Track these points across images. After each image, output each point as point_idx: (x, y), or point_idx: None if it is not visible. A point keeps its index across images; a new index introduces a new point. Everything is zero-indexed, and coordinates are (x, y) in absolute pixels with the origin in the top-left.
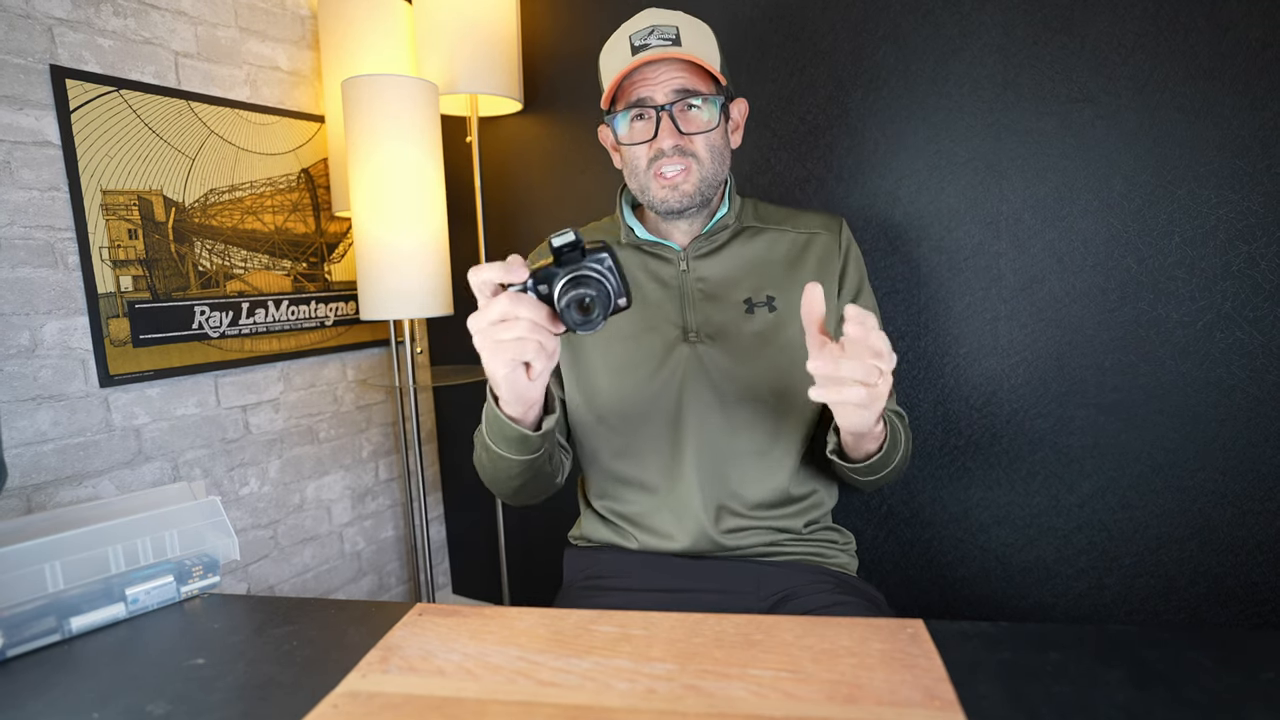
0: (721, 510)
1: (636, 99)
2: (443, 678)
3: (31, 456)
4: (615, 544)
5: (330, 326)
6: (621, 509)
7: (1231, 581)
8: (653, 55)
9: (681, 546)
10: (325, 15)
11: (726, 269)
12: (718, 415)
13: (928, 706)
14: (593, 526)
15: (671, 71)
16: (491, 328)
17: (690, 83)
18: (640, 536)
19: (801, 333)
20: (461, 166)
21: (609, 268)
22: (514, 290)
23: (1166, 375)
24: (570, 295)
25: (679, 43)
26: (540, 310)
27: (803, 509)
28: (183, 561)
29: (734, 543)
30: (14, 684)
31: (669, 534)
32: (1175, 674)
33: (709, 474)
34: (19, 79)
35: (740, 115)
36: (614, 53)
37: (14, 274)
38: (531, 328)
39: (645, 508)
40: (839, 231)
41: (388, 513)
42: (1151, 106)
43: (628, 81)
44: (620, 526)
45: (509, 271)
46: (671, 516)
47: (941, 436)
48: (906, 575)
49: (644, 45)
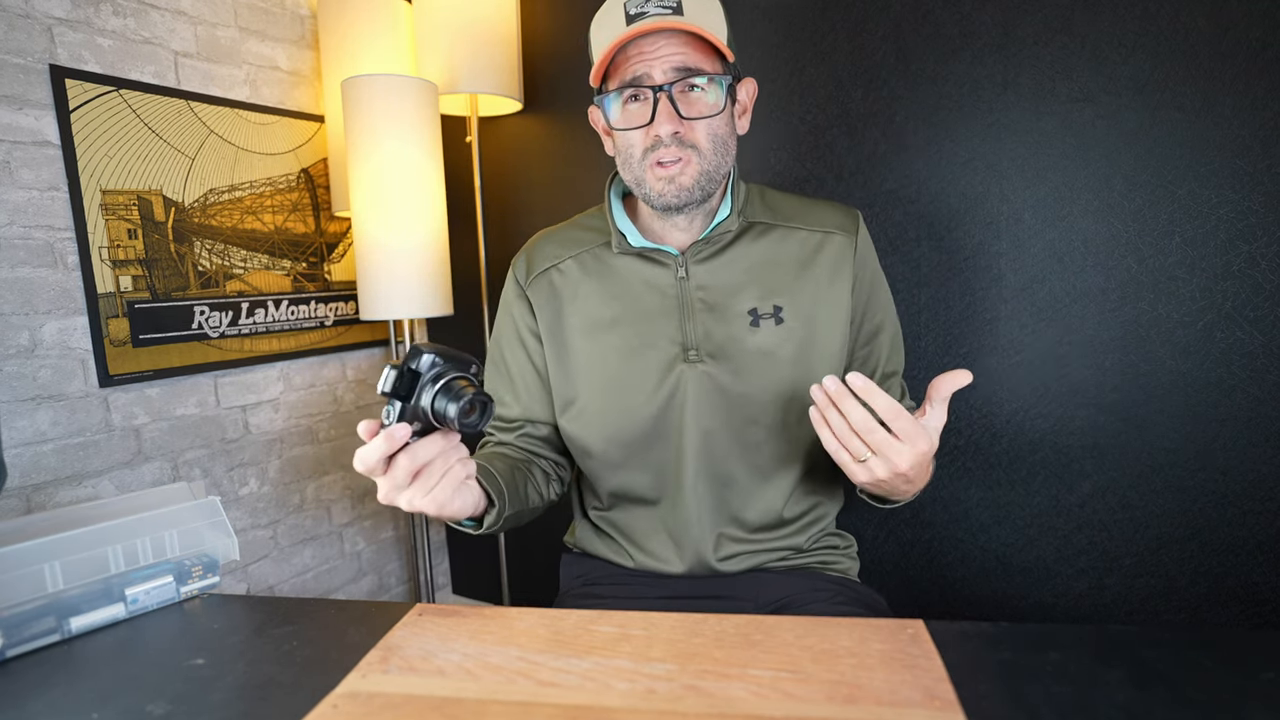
0: (721, 537)
1: (631, 77)
2: (443, 678)
3: (31, 456)
4: (611, 559)
5: (330, 326)
6: (619, 526)
7: (1231, 581)
8: (650, 25)
9: (679, 571)
10: (325, 15)
11: (730, 274)
12: (718, 438)
13: (928, 706)
14: (589, 539)
15: (672, 46)
16: (412, 488)
17: (693, 60)
18: (637, 556)
19: (812, 348)
20: (461, 166)
21: (441, 359)
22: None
23: (1166, 375)
24: (454, 410)
25: (680, 11)
26: (434, 440)
27: (805, 525)
28: (182, 561)
29: (732, 568)
30: (14, 684)
31: (666, 559)
32: (1175, 674)
33: (709, 498)
34: (18, 79)
35: (748, 97)
36: (606, 23)
37: (13, 274)
38: (444, 458)
39: (643, 527)
40: (855, 232)
41: (387, 513)
42: (1151, 106)
43: (621, 56)
44: (617, 543)
45: (392, 441)
46: (670, 540)
47: (942, 436)
48: (907, 576)
49: (640, 13)
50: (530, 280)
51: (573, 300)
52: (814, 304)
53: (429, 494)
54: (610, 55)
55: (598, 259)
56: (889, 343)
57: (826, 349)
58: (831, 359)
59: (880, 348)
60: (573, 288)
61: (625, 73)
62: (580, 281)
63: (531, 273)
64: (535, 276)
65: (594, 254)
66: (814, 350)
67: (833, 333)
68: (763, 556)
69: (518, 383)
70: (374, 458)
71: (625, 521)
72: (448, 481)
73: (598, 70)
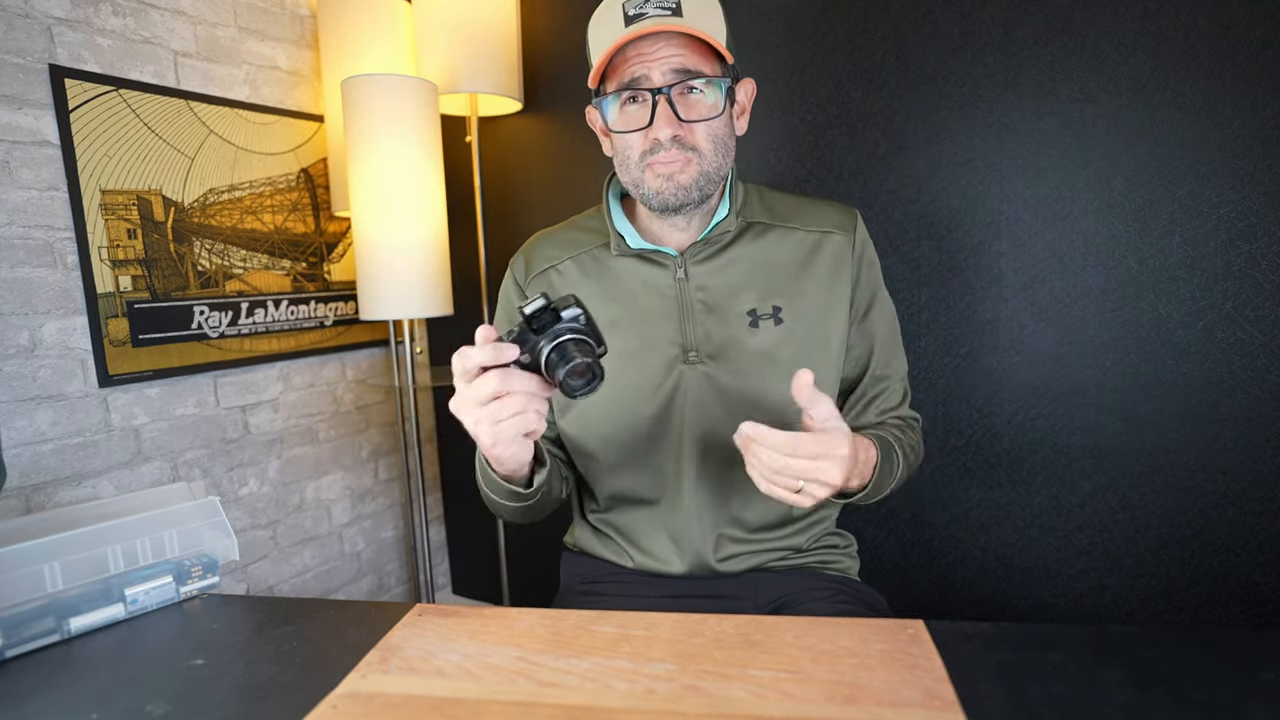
0: (721, 538)
1: (630, 79)
2: (443, 678)
3: (31, 456)
4: (610, 560)
5: (330, 326)
6: (618, 527)
7: (1231, 581)
8: (649, 27)
9: (679, 572)
10: (325, 15)
11: (729, 275)
12: (718, 439)
13: (928, 706)
14: (588, 540)
15: (671, 47)
16: (485, 408)
17: (692, 61)
18: (637, 556)
19: (812, 349)
20: (461, 166)
21: (584, 322)
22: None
23: (1166, 375)
24: (568, 367)
25: (680, 13)
26: (531, 379)
27: (806, 525)
28: (182, 562)
29: (732, 568)
30: (14, 684)
31: (666, 559)
32: (1175, 674)
33: (709, 499)
34: (18, 79)
35: (747, 98)
36: (604, 23)
37: (13, 274)
38: (528, 399)
39: (643, 528)
40: (853, 230)
41: (387, 513)
42: (1152, 106)
43: (619, 57)
44: (617, 543)
45: (499, 353)
46: (669, 541)
47: (941, 436)
48: (907, 576)
49: (639, 14)
50: (529, 280)
51: None
52: (813, 304)
53: (496, 423)
54: (609, 57)
55: (596, 260)
56: (884, 345)
57: (826, 349)
58: (831, 359)
59: (875, 351)
60: (571, 289)
61: (624, 74)
62: (579, 283)
63: (530, 272)
64: (534, 276)
65: (592, 255)
66: (813, 350)
67: (832, 332)
68: (763, 557)
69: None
70: (474, 361)
71: (624, 523)
72: (518, 422)
73: (596, 71)
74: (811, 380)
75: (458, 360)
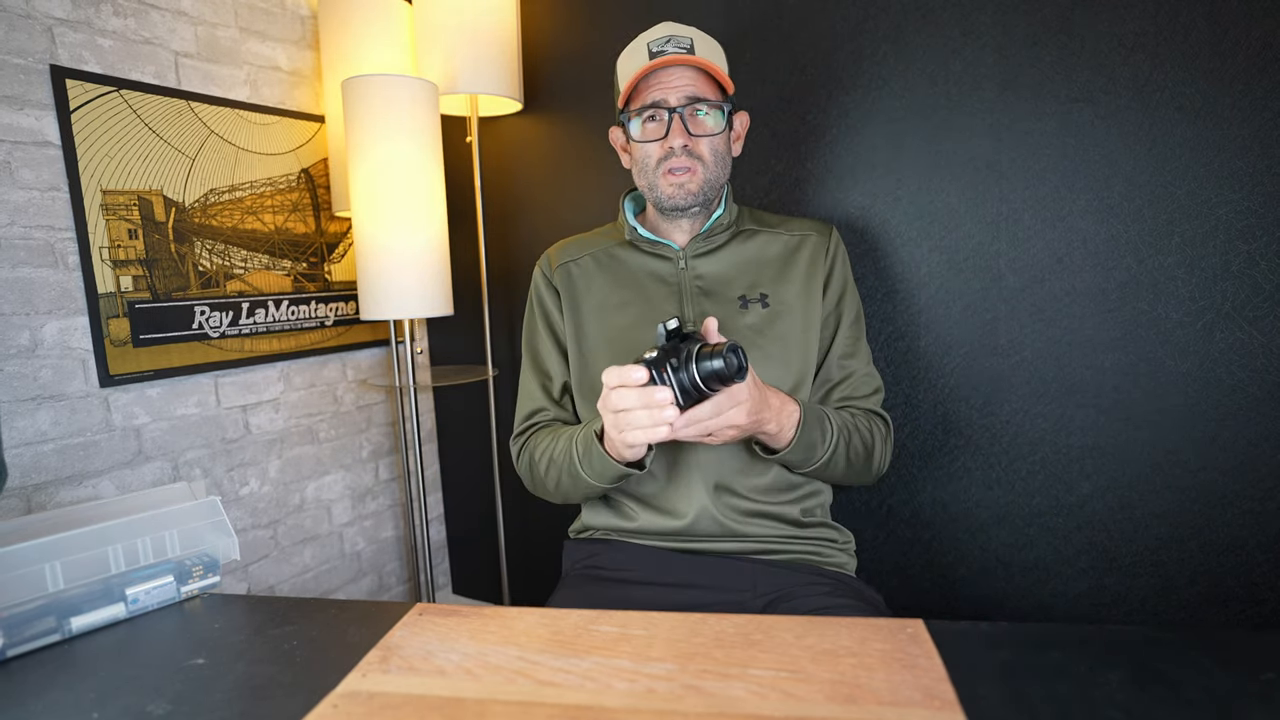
0: (720, 489)
1: (651, 101)
2: (443, 678)
3: (31, 456)
4: (616, 526)
5: (330, 326)
6: (623, 490)
7: (1231, 581)
8: (669, 59)
9: (684, 524)
10: (325, 15)
11: (723, 267)
12: None
13: (928, 706)
14: (593, 512)
15: (685, 79)
16: (636, 414)
17: (700, 90)
18: (642, 515)
19: (793, 326)
20: (461, 166)
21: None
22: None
23: (1166, 375)
24: (717, 364)
25: (693, 51)
26: (670, 395)
27: (799, 496)
28: (183, 561)
29: (736, 527)
30: (14, 684)
31: (672, 510)
32: (1175, 674)
33: (708, 456)
34: (19, 79)
35: (741, 127)
36: (633, 56)
37: (14, 274)
38: (674, 414)
39: (648, 489)
40: (829, 235)
41: (388, 513)
42: (1151, 106)
43: (643, 85)
44: (621, 505)
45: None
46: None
47: (941, 436)
48: (906, 575)
49: (661, 51)
50: (554, 270)
51: (588, 289)
52: (794, 291)
53: (646, 429)
54: (634, 83)
55: (610, 255)
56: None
57: (806, 328)
58: (809, 335)
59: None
60: (588, 278)
61: (646, 98)
62: (594, 274)
63: (554, 265)
64: (557, 267)
65: (607, 251)
66: (794, 329)
67: (811, 315)
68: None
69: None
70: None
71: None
72: (661, 430)
73: (623, 96)
74: (716, 325)
75: (623, 386)
